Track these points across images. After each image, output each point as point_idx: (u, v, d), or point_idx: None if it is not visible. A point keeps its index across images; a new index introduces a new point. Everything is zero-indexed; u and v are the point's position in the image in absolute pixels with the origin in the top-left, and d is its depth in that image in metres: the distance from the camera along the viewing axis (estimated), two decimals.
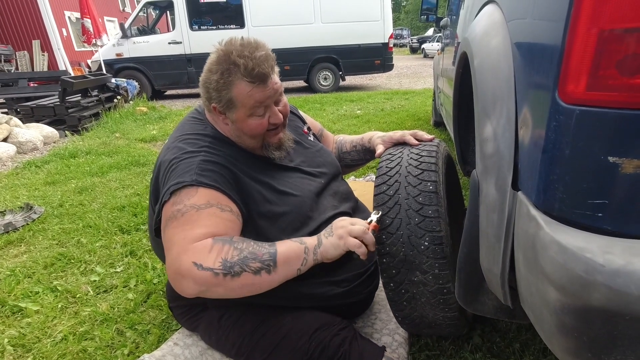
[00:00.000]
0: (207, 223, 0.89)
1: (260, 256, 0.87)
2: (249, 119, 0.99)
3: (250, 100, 0.96)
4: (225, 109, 0.99)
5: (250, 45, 0.95)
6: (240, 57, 0.93)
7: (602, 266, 0.47)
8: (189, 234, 0.87)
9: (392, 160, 1.06)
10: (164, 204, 0.93)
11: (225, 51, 0.95)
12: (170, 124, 5.24)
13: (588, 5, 0.47)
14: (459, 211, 1.52)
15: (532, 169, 0.61)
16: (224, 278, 0.84)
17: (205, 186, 0.91)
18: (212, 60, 0.97)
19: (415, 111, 5.38)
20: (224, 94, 0.96)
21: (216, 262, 0.84)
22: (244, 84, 0.95)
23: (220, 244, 0.87)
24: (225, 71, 0.94)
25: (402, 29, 35.60)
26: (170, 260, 0.87)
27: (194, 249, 0.85)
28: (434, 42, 19.50)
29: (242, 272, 0.85)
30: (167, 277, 0.93)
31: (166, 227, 0.91)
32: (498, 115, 0.74)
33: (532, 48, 0.66)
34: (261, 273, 0.86)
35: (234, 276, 0.85)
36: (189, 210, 0.89)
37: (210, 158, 0.97)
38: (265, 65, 0.95)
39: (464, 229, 0.85)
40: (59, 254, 1.92)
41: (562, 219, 0.55)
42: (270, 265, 0.87)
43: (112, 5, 14.27)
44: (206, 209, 0.90)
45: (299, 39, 8.03)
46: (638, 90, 0.47)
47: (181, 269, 0.84)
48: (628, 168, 0.49)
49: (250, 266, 0.86)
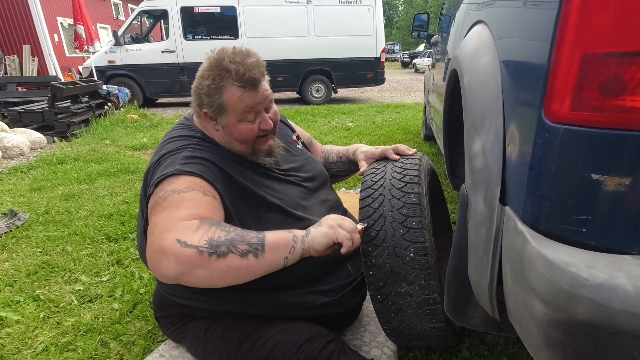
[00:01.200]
0: (191, 205, 0.86)
1: (249, 239, 0.84)
2: (239, 124, 1.00)
3: (241, 105, 0.98)
4: (216, 114, 1.00)
5: (242, 53, 0.98)
6: (232, 62, 0.95)
7: (587, 280, 0.49)
8: (172, 214, 0.84)
9: (376, 174, 1.08)
10: (149, 197, 0.92)
11: (217, 58, 0.97)
12: (161, 132, 5.20)
13: (571, 30, 0.49)
14: (444, 223, 1.54)
15: (520, 184, 0.62)
16: (209, 257, 0.79)
17: (186, 174, 0.91)
18: (204, 67, 0.99)
19: (406, 125, 5.45)
20: (215, 98, 0.98)
21: (202, 240, 0.80)
22: (235, 88, 0.96)
23: (207, 225, 0.84)
24: (217, 76, 0.96)
25: (393, 44, 36.23)
26: (152, 239, 0.82)
27: (179, 227, 0.81)
28: (424, 58, 19.89)
29: (229, 252, 0.80)
30: (147, 261, 0.84)
31: (150, 216, 0.89)
32: (487, 131, 0.76)
33: (519, 67, 0.69)
34: (248, 256, 0.82)
35: (220, 256, 0.80)
36: (171, 195, 0.88)
37: (195, 153, 0.97)
38: (256, 71, 0.97)
39: (453, 242, 0.86)
40: (42, 262, 1.87)
41: (548, 233, 0.57)
42: (258, 250, 0.84)
43: (106, 13, 14.26)
44: (188, 192, 0.88)
45: (293, 51, 8.13)
46: (619, 111, 0.49)
47: (163, 245, 0.79)
48: (610, 185, 0.51)
49: (238, 247, 0.82)
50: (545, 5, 0.59)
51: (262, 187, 1.05)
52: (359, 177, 1.18)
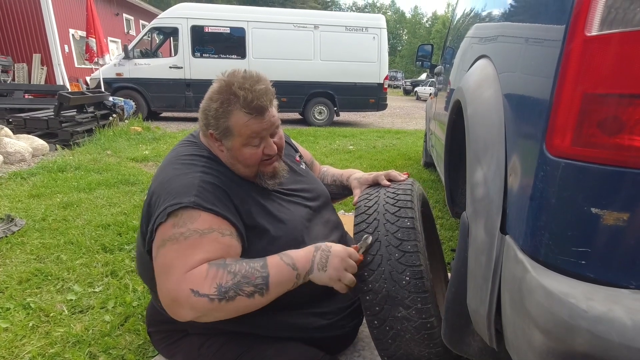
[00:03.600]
0: (207, 249, 0.90)
1: (253, 280, 0.88)
2: (243, 148, 1.01)
3: (247, 131, 0.99)
4: (221, 136, 1.01)
5: (252, 78, 0.99)
6: (241, 89, 0.96)
7: (585, 312, 0.50)
8: (190, 260, 0.88)
9: (370, 199, 1.10)
10: (159, 225, 0.92)
11: (227, 82, 0.99)
12: (164, 146, 5.24)
13: (573, 70, 0.52)
14: (435, 249, 1.54)
15: (520, 214, 0.64)
16: (219, 303, 0.86)
17: (205, 210, 0.92)
18: (213, 89, 1.01)
19: (406, 150, 5.51)
20: (222, 122, 0.99)
21: (211, 288, 0.85)
22: (241, 114, 0.97)
23: (215, 269, 0.87)
24: (225, 101, 0.97)
25: (396, 72, 37.00)
26: (169, 287, 0.87)
27: (192, 276, 0.86)
28: (426, 86, 20.28)
29: (237, 296, 0.87)
30: (162, 304, 0.91)
31: (163, 247, 0.90)
32: (489, 162, 0.78)
33: (522, 101, 0.72)
34: (254, 296, 0.89)
35: (229, 300, 0.86)
36: (193, 235, 0.89)
37: (207, 178, 0.98)
38: (264, 99, 0.98)
39: (452, 270, 0.87)
40: (35, 270, 1.85)
41: (548, 264, 0.58)
42: (263, 289, 0.89)
43: (118, 27, 14.60)
44: (209, 234, 0.91)
45: (298, 73, 8.30)
46: (617, 149, 0.51)
47: (180, 297, 0.86)
48: (609, 220, 0.53)
49: (244, 290, 0.87)
50: (548, 43, 0.62)
51: (266, 212, 1.05)
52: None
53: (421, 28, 59.42)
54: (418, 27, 60.05)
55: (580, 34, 0.52)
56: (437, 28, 47.47)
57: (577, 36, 0.52)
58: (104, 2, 13.15)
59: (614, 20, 0.49)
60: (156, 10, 16.68)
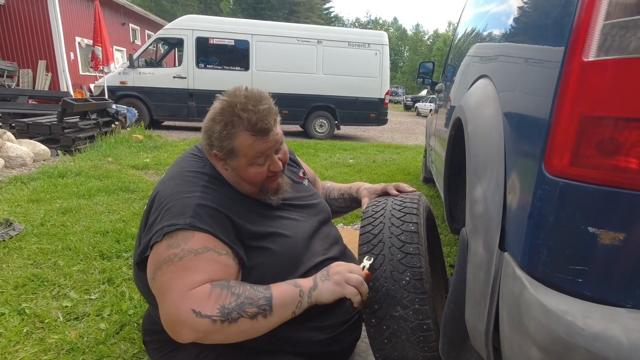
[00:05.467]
0: (206, 268, 0.89)
1: (257, 300, 0.88)
2: (249, 168, 1.01)
3: (252, 151, 0.99)
4: (226, 156, 1.01)
5: (254, 98, 0.98)
6: (244, 110, 0.95)
7: (582, 329, 0.50)
8: (188, 280, 0.87)
9: (378, 205, 1.16)
10: (154, 244, 0.92)
11: (229, 103, 0.98)
12: (165, 154, 5.26)
13: (571, 93, 0.54)
14: (438, 265, 1.55)
15: (519, 231, 0.65)
16: (221, 324, 0.85)
17: (200, 230, 0.91)
18: (216, 110, 0.99)
19: (405, 165, 5.53)
20: (226, 144, 0.98)
21: (214, 309, 0.85)
22: (246, 135, 0.97)
23: (219, 290, 0.87)
24: (229, 123, 0.97)
25: (397, 87, 37.39)
26: (168, 308, 0.86)
27: (193, 296, 0.85)
28: (426, 102, 20.49)
29: (240, 317, 0.86)
30: (164, 326, 0.91)
31: (159, 269, 0.89)
32: (488, 179, 0.80)
33: (521, 120, 0.73)
34: (257, 317, 0.88)
35: (232, 322, 0.86)
36: (187, 255, 0.89)
37: (206, 202, 0.96)
38: (269, 119, 0.98)
39: (451, 285, 0.87)
40: (32, 275, 1.84)
41: (546, 281, 0.59)
42: (267, 310, 0.88)
43: (123, 37, 14.80)
44: (204, 253, 0.90)
45: (300, 86, 8.40)
46: (613, 170, 0.53)
47: (181, 317, 0.85)
48: (605, 239, 0.54)
49: (247, 311, 0.87)
50: (547, 64, 0.64)
51: (268, 227, 1.05)
52: (357, 213, 1.22)
53: (422, 45, 60.33)
54: (419, 45, 60.98)
55: (578, 58, 0.54)
56: (438, 46, 48.20)
57: (575, 61, 0.54)
58: (112, 11, 13.37)
59: (610, 47, 0.51)
60: (162, 21, 16.94)
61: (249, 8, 44.83)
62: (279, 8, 45.03)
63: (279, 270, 1.01)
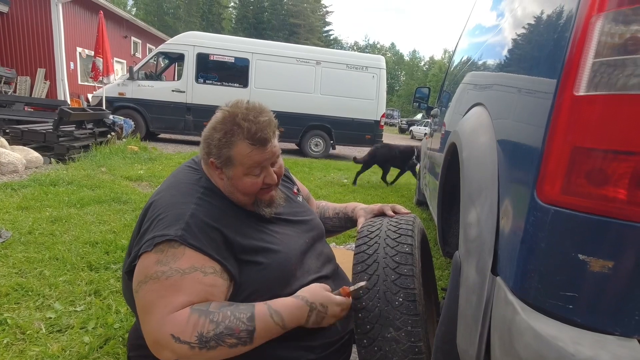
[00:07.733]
0: (190, 290, 0.89)
1: (237, 332, 0.88)
2: (244, 177, 1.03)
3: (249, 161, 1.01)
4: (222, 165, 1.03)
5: (255, 110, 1.02)
6: (245, 120, 0.98)
7: (573, 356, 0.51)
8: (170, 301, 0.87)
9: (373, 225, 1.17)
10: (143, 253, 0.92)
11: (231, 113, 1.00)
12: (159, 167, 5.24)
13: (563, 125, 0.56)
14: (431, 288, 1.55)
15: (511, 256, 0.66)
16: (199, 351, 0.86)
17: (189, 246, 0.92)
18: (217, 119, 1.02)
19: (399, 188, 5.57)
20: (224, 152, 1.00)
21: (192, 336, 0.85)
22: (244, 145, 0.99)
23: (196, 316, 0.87)
24: (229, 131, 0.99)
25: (393, 110, 37.88)
26: (150, 329, 0.88)
27: (173, 320, 0.86)
28: (421, 126, 20.80)
29: (218, 346, 0.87)
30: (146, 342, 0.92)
31: (145, 283, 0.90)
32: (482, 203, 0.81)
33: (515, 148, 0.76)
34: (237, 347, 0.88)
35: (210, 349, 0.86)
36: (174, 274, 0.89)
37: (199, 214, 0.97)
38: (267, 130, 1.01)
39: (443, 308, 0.88)
40: (16, 284, 1.80)
41: (537, 307, 0.59)
42: (247, 342, 0.89)
43: (124, 49, 14.96)
44: (191, 273, 0.90)
45: (297, 105, 8.51)
46: (603, 199, 0.55)
47: (160, 340, 0.86)
48: (595, 266, 0.55)
49: (227, 342, 0.87)
50: (540, 95, 0.67)
51: (260, 241, 1.05)
52: (349, 233, 1.23)
53: (418, 71, 61.73)
54: (415, 70, 62.39)
55: (570, 92, 0.56)
56: (434, 72, 49.38)
57: (566, 94, 0.57)
58: (114, 24, 13.55)
59: (599, 84, 0.54)
60: (163, 36, 17.19)
61: (251, 27, 45.78)
62: (279, 29, 46.04)
63: (270, 285, 1.01)
